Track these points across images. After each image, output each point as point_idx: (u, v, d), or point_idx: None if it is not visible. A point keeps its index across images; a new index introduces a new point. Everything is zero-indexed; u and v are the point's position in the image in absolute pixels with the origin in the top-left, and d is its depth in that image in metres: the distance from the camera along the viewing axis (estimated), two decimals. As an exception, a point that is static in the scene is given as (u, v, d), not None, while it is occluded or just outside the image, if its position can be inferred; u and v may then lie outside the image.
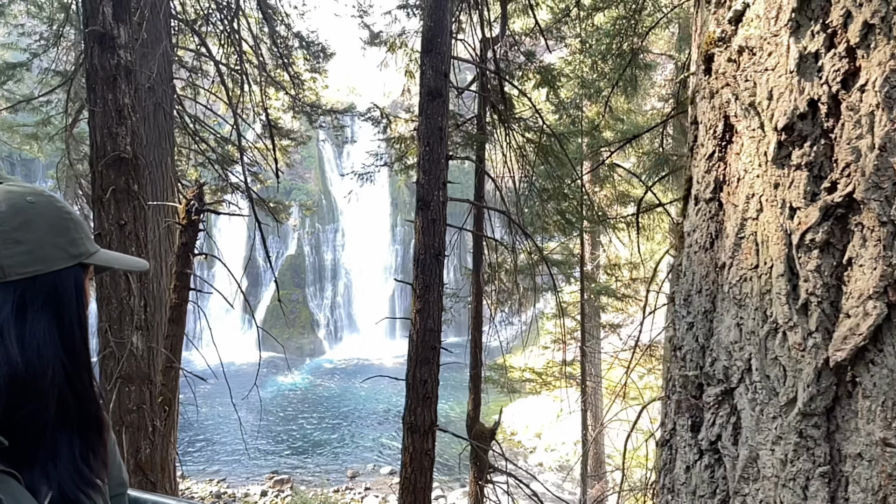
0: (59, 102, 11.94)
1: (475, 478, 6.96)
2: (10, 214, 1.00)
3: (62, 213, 1.07)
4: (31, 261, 1.01)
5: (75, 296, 1.08)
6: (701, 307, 0.97)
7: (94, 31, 4.61)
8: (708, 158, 0.96)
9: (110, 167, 4.74)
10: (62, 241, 1.06)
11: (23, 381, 0.98)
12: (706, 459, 0.94)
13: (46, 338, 1.02)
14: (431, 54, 5.29)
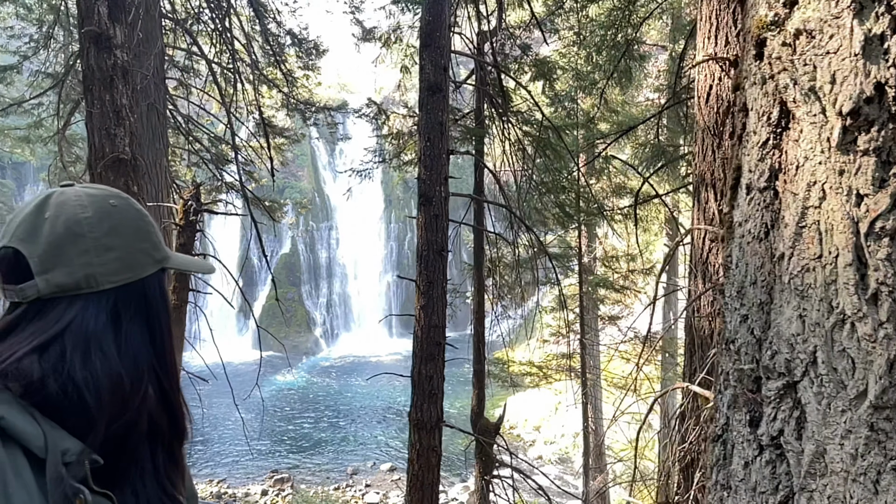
0: (50, 105, 11.83)
1: (481, 473, 6.94)
2: (97, 220, 0.95)
3: (142, 216, 1.03)
4: (122, 268, 0.97)
5: (162, 302, 1.04)
6: (756, 299, 0.94)
7: (90, 32, 4.55)
8: (761, 146, 0.94)
9: (109, 169, 4.69)
10: (147, 246, 1.01)
11: (122, 393, 0.94)
12: (767, 455, 0.91)
13: (140, 347, 0.98)
14: (430, 49, 5.24)
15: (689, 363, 3.64)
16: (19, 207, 0.97)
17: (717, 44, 3.33)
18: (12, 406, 0.84)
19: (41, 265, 0.91)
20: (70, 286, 0.92)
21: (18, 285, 0.91)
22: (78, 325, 0.91)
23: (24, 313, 0.91)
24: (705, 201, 3.45)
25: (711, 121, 3.37)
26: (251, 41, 10.92)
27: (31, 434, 0.84)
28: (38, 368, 0.87)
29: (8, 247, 0.92)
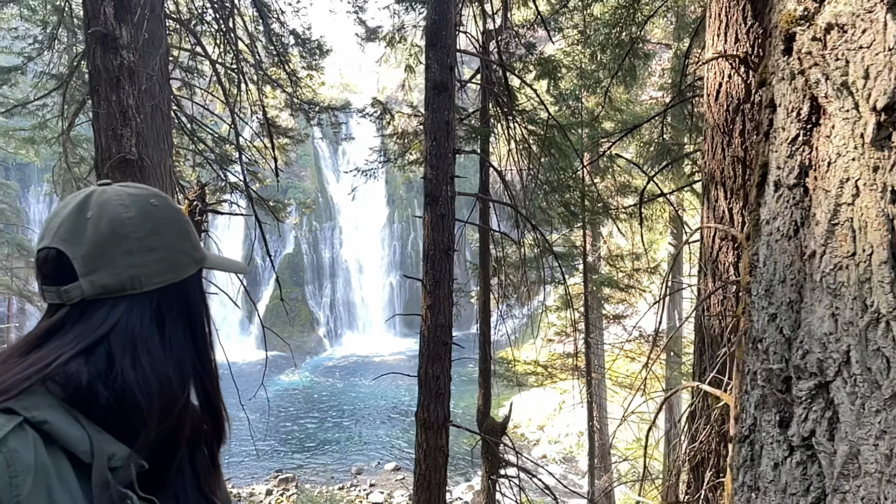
0: (55, 106, 11.85)
1: (487, 472, 6.93)
2: (140, 220, 0.94)
3: (181, 215, 1.01)
4: (165, 269, 0.95)
5: (203, 302, 1.03)
6: (785, 298, 0.93)
7: (96, 32, 4.54)
8: (790, 143, 0.92)
9: (116, 169, 4.68)
10: (187, 246, 1.00)
11: (171, 395, 0.92)
12: (798, 456, 0.90)
13: (183, 349, 0.97)
14: (436, 48, 5.23)
15: (699, 362, 3.63)
16: (57, 207, 0.95)
17: (726, 41, 3.31)
18: (56, 409, 0.82)
19: (85, 266, 0.89)
20: (114, 288, 0.90)
21: (61, 286, 0.89)
22: (123, 328, 0.89)
23: (68, 316, 0.89)
24: (715, 199, 3.44)
25: (721, 119, 3.36)
26: (255, 41, 10.92)
27: (77, 438, 0.82)
28: (86, 372, 0.85)
29: (50, 247, 0.90)
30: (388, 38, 8.87)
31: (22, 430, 0.78)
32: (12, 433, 0.76)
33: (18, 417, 0.78)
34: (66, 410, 0.83)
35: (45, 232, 0.92)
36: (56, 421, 0.81)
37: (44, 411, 0.81)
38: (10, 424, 0.77)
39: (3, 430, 0.76)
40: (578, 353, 12.26)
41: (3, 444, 0.75)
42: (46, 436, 0.80)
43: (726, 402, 3.21)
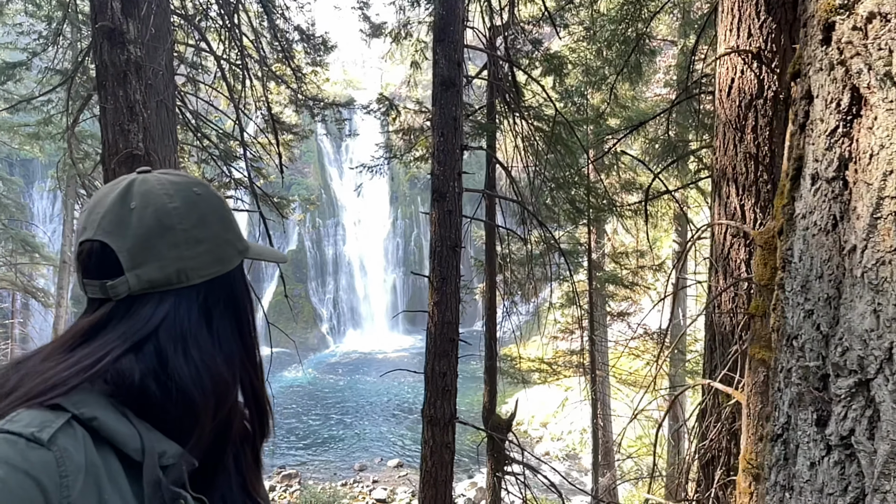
0: (59, 101, 11.85)
1: (492, 469, 6.92)
2: (185, 210, 0.90)
3: (223, 204, 0.98)
4: (212, 261, 0.92)
5: (247, 295, 1.00)
6: (822, 293, 0.91)
7: (103, 27, 4.53)
8: (829, 135, 0.90)
9: (123, 164, 4.66)
10: (231, 237, 0.96)
11: (224, 391, 0.90)
12: (836, 455, 0.88)
13: (231, 343, 0.94)
14: (444, 43, 5.20)
15: (710, 359, 3.60)
16: (97, 196, 0.91)
17: (739, 36, 3.29)
18: (105, 406, 0.79)
19: (131, 260, 0.85)
20: (161, 282, 0.87)
21: (105, 281, 0.85)
22: (171, 323, 0.86)
23: (114, 311, 0.86)
24: (726, 196, 3.41)
25: (733, 114, 3.33)
26: (259, 37, 10.89)
27: (127, 435, 0.79)
28: (138, 369, 0.82)
29: (94, 240, 0.87)
30: (394, 34, 8.84)
31: (71, 428, 0.75)
32: (61, 430, 0.74)
33: (66, 414, 0.76)
34: (114, 407, 0.80)
35: (86, 223, 0.89)
36: (105, 417, 0.78)
37: (92, 407, 0.78)
38: (59, 421, 0.74)
39: (51, 427, 0.73)
40: (583, 350, 12.24)
41: (53, 443, 0.72)
42: (95, 433, 0.77)
43: (738, 400, 3.20)
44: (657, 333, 10.85)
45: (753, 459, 2.91)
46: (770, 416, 1.03)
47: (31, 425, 0.73)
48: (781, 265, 1.03)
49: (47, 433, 0.72)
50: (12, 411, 0.75)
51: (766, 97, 3.22)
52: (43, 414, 0.75)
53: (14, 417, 0.74)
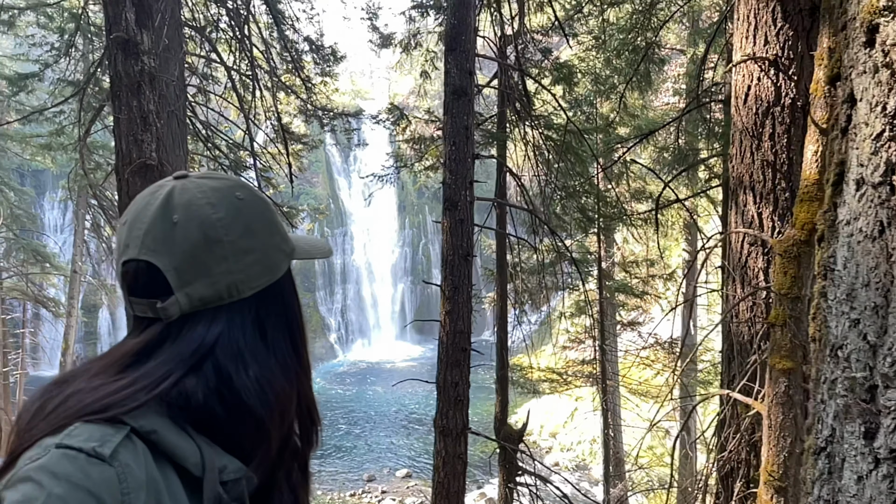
0: (71, 112, 11.93)
1: (504, 480, 6.87)
2: (231, 220, 0.85)
3: (267, 205, 0.93)
4: (262, 271, 0.88)
5: (296, 301, 0.95)
6: (869, 302, 0.88)
7: (117, 38, 4.55)
8: (875, 139, 0.88)
9: (136, 174, 4.68)
10: (278, 240, 0.91)
11: (286, 405, 0.88)
12: (885, 469, 0.85)
13: (286, 354, 0.90)
14: (456, 52, 5.21)
15: (728, 369, 3.56)
16: (135, 208, 0.87)
17: (755, 43, 3.27)
18: (164, 421, 0.77)
19: (179, 278, 0.82)
20: (212, 298, 0.83)
21: (154, 301, 0.82)
22: (227, 340, 0.83)
23: (166, 331, 0.82)
24: (743, 204, 3.38)
25: (750, 122, 3.30)
26: (269, 48, 10.95)
27: (186, 449, 0.77)
28: (200, 388, 0.80)
29: (139, 260, 0.83)
30: (404, 44, 8.87)
31: (130, 442, 0.73)
32: (122, 445, 0.71)
33: (126, 427, 0.73)
34: (173, 421, 0.78)
35: (127, 240, 0.84)
36: (165, 431, 0.76)
37: (151, 421, 0.76)
38: (119, 435, 0.72)
39: (112, 441, 0.71)
40: (593, 360, 12.18)
41: (114, 458, 0.70)
42: (154, 447, 0.75)
43: (758, 411, 3.15)
44: (668, 343, 10.78)
45: (776, 472, 2.86)
46: (810, 429, 1.01)
47: (91, 439, 0.70)
48: (822, 273, 1.00)
49: (108, 448, 0.70)
50: (67, 426, 0.72)
51: (783, 104, 3.20)
52: (102, 428, 0.72)
53: (72, 432, 0.71)
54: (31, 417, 0.76)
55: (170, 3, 5.23)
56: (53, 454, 0.68)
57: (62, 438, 0.70)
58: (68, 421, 0.73)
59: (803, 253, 2.83)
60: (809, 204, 2.82)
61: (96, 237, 15.78)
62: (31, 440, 0.72)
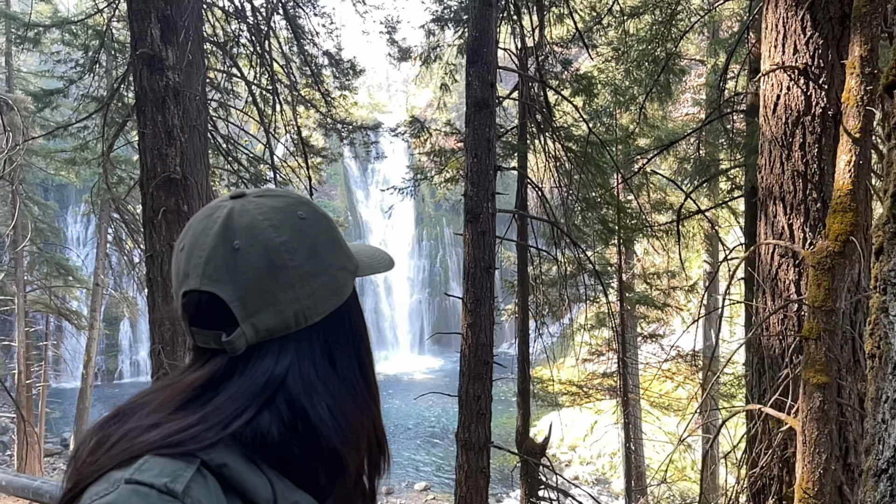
0: (95, 128, 12.11)
1: (526, 495, 6.79)
2: (295, 243, 0.80)
3: (329, 221, 0.88)
4: (329, 295, 0.82)
5: (363, 322, 0.91)
6: (936, 318, 0.85)
7: (143, 54, 4.61)
8: (940, 148, 0.85)
9: (161, 188, 4.72)
10: (343, 259, 0.86)
11: (361, 438, 0.84)
12: (957, 493, 0.82)
13: (356, 381, 0.85)
14: (477, 65, 5.21)
15: (758, 384, 3.50)
16: (192, 232, 0.82)
17: (784, 52, 3.23)
18: (235, 454, 0.74)
19: (244, 309, 0.77)
20: (279, 328, 0.78)
21: (218, 332, 0.78)
22: (297, 371, 0.79)
23: (231, 363, 0.78)
24: (773, 215, 3.33)
25: (779, 132, 3.26)
26: (289, 62, 11.05)
27: (258, 485, 0.73)
28: (275, 425, 0.76)
29: (202, 291, 0.78)
30: (423, 57, 8.90)
31: (201, 476, 0.70)
32: (193, 480, 0.68)
33: (196, 460, 0.70)
34: (244, 455, 0.74)
35: (186, 268, 0.79)
36: (235, 465, 0.72)
37: (222, 454, 0.72)
38: (190, 470, 0.69)
39: (184, 477, 0.68)
40: (614, 372, 12.07)
41: (187, 495, 0.66)
42: (224, 481, 0.71)
43: (791, 426, 3.08)
44: (691, 355, 10.65)
45: (811, 489, 2.79)
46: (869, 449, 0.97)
47: (162, 475, 0.67)
48: (882, 287, 0.96)
49: (181, 484, 0.67)
50: (135, 458, 0.69)
51: (814, 114, 3.15)
52: (173, 462, 0.69)
53: (142, 466, 0.68)
54: (91, 450, 0.73)
55: (193, 19, 5.29)
56: (123, 490, 0.65)
57: (132, 473, 0.67)
58: (135, 454, 0.70)
59: (837, 265, 2.77)
60: (843, 214, 2.77)
61: (118, 250, 15.95)
62: (95, 473, 0.69)
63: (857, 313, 3.23)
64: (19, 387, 15.29)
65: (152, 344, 4.89)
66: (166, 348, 4.75)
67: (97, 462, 0.71)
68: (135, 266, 15.39)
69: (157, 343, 4.77)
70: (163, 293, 4.72)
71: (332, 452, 0.79)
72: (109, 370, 32.72)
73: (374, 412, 0.88)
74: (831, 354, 2.79)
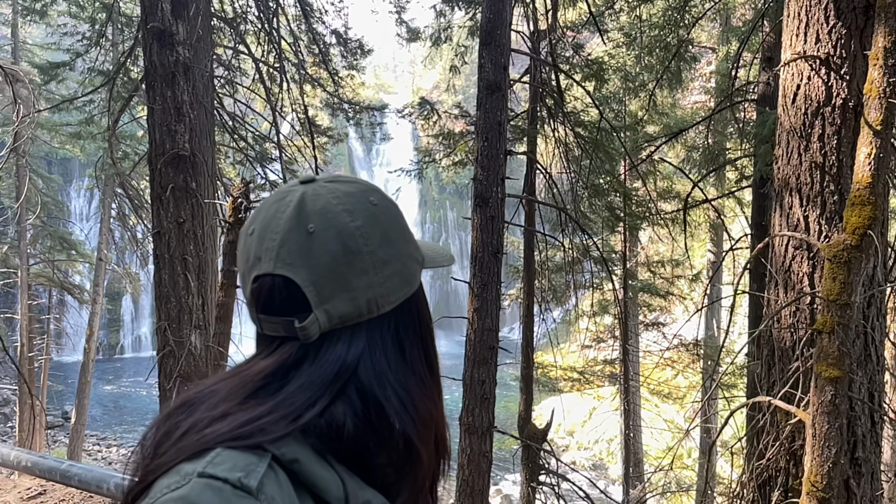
0: (100, 102, 12.04)
1: (527, 479, 6.83)
2: (369, 229, 0.77)
3: (399, 209, 0.85)
4: (401, 283, 0.80)
5: (428, 314, 0.88)
6: None
7: (153, 28, 4.56)
8: None
9: (169, 165, 4.69)
10: (412, 248, 0.84)
11: (435, 434, 0.82)
12: None
13: (425, 375, 0.83)
14: (490, 47, 5.14)
15: (767, 376, 3.48)
16: (262, 215, 0.79)
17: (806, 41, 3.17)
18: (305, 449, 0.71)
19: (318, 294, 0.74)
20: (352, 316, 0.76)
21: (290, 319, 0.75)
22: (369, 361, 0.77)
23: (302, 351, 0.76)
24: (789, 207, 3.29)
25: (798, 122, 3.22)
26: (297, 40, 10.96)
27: (330, 482, 0.71)
28: (350, 417, 0.74)
29: (275, 275, 0.75)
30: (434, 38, 8.81)
31: (273, 472, 0.67)
32: (266, 476, 0.66)
33: (267, 455, 0.68)
34: (315, 451, 0.72)
35: (258, 251, 0.77)
36: (306, 460, 0.70)
37: (293, 449, 0.70)
38: (262, 464, 0.67)
39: (257, 472, 0.66)
40: (615, 359, 12.09)
41: (260, 491, 0.64)
42: (294, 476, 0.69)
43: (800, 419, 3.08)
44: (693, 344, 10.66)
45: (819, 482, 2.79)
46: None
47: (235, 469, 0.65)
48: None
49: (254, 479, 0.65)
50: (207, 451, 0.67)
51: (834, 104, 3.11)
52: (245, 456, 0.67)
53: (214, 459, 0.66)
54: (158, 442, 0.71)
55: (204, -7, 5.23)
56: (196, 484, 0.63)
57: (204, 466, 0.65)
58: (205, 446, 0.68)
59: (854, 258, 2.74)
60: (861, 208, 2.74)
61: (121, 226, 15.94)
62: (164, 466, 0.68)
63: (869, 307, 3.20)
64: (21, 359, 15.34)
65: (158, 321, 4.89)
66: (172, 325, 4.75)
67: (166, 454, 0.69)
68: (138, 242, 15.40)
69: (164, 320, 4.77)
70: (169, 270, 4.72)
71: (406, 444, 0.77)
72: (111, 345, 32.87)
73: (440, 407, 0.86)
74: (844, 349, 2.77)
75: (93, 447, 21.05)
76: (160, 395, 4.81)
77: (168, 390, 4.67)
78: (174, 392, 4.67)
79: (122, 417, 24.79)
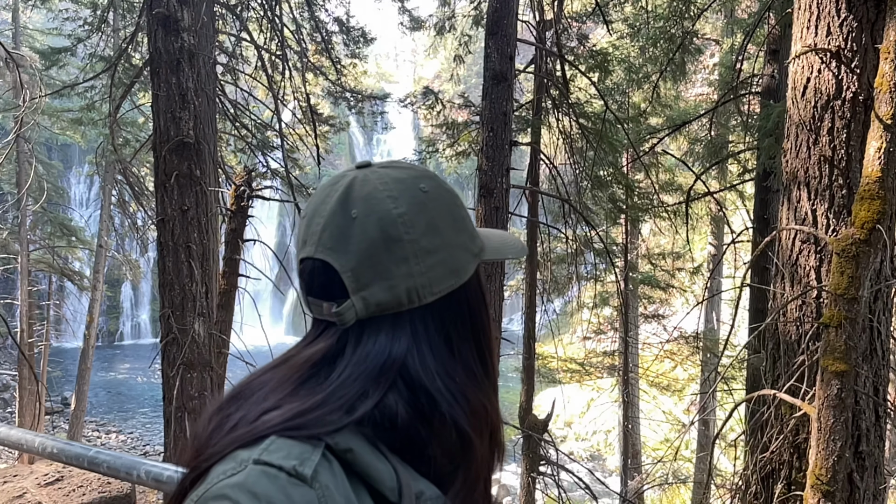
0: (102, 88, 11.99)
1: (527, 469, 6.86)
2: (413, 216, 0.76)
3: (454, 198, 0.83)
4: (446, 274, 0.78)
5: (484, 307, 0.86)
6: None
7: (158, 14, 4.53)
8: None
9: (173, 152, 4.67)
10: (465, 239, 0.81)
11: (489, 427, 0.80)
12: None
13: (474, 369, 0.81)
14: (497, 37, 5.12)
15: (772, 369, 3.49)
16: (315, 200, 0.80)
17: (817, 34, 3.16)
18: (360, 439, 0.71)
19: (356, 281, 0.74)
20: (390, 304, 0.75)
21: (332, 303, 0.75)
22: (416, 352, 0.76)
23: (344, 338, 0.76)
24: (797, 200, 3.29)
25: (808, 116, 3.20)
26: (300, 28, 10.91)
27: (383, 472, 0.70)
28: (402, 408, 0.73)
29: (315, 259, 0.76)
30: (438, 27, 8.77)
31: (327, 461, 0.67)
32: (320, 465, 0.66)
33: (321, 444, 0.68)
34: (368, 441, 0.72)
35: (306, 235, 0.78)
36: (360, 450, 0.70)
37: (347, 438, 0.70)
38: (317, 453, 0.67)
39: (312, 460, 0.66)
40: (615, 351, 12.11)
41: (315, 479, 0.64)
42: (348, 466, 0.69)
43: (805, 413, 3.09)
44: (693, 336, 10.68)
45: (824, 476, 2.80)
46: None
47: (290, 457, 0.65)
48: None
49: (309, 468, 0.65)
50: (262, 438, 0.67)
51: (844, 98, 3.09)
52: (300, 445, 0.67)
53: (269, 447, 0.66)
54: (211, 432, 0.71)
55: (208, -21, 5.19)
56: (252, 470, 0.64)
57: (260, 454, 0.65)
58: (259, 435, 0.68)
59: (862, 253, 2.74)
60: (870, 202, 2.73)
61: (122, 212, 15.91)
62: (219, 454, 0.68)
63: (876, 302, 3.20)
64: (21, 345, 15.35)
65: (162, 308, 4.88)
66: (176, 313, 4.75)
67: (220, 443, 0.69)
68: (138, 229, 15.39)
69: (167, 308, 4.77)
70: (173, 258, 4.71)
71: (459, 433, 0.76)
72: (110, 331, 32.88)
73: (494, 401, 0.84)
74: (851, 343, 2.78)
75: (92, 433, 21.11)
76: (163, 382, 4.81)
77: (171, 378, 4.68)
78: (177, 379, 4.68)
79: (122, 404, 24.84)
